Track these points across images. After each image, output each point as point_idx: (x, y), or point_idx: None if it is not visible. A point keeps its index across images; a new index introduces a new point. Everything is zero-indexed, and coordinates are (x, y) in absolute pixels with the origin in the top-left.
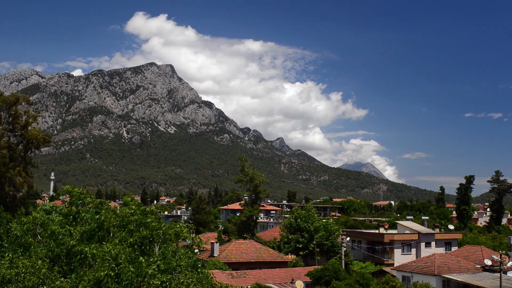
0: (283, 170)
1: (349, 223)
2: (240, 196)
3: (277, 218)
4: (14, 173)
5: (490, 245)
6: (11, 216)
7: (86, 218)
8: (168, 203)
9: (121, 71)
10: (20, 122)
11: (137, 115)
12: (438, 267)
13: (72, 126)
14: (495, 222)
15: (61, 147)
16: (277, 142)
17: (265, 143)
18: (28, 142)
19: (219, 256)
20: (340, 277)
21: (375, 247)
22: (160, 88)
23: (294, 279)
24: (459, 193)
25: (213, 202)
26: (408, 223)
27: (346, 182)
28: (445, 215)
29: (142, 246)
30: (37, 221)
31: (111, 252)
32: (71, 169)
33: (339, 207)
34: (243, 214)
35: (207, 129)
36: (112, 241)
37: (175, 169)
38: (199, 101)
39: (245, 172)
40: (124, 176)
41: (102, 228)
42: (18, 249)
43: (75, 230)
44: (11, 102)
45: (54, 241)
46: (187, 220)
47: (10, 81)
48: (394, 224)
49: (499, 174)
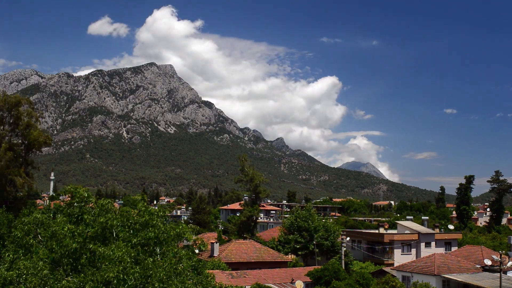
0: (283, 170)
1: (349, 223)
2: (240, 196)
3: (277, 218)
4: (15, 173)
5: (490, 245)
6: (12, 217)
7: (90, 221)
8: (168, 203)
9: (121, 71)
10: (22, 123)
11: (137, 115)
12: (438, 267)
13: (72, 126)
14: (495, 222)
15: (61, 147)
16: (277, 142)
17: (265, 143)
18: (30, 143)
19: (219, 256)
20: (340, 277)
21: (375, 247)
22: (160, 88)
23: (294, 279)
24: (459, 193)
25: (213, 202)
26: (408, 223)
27: (346, 182)
28: (445, 215)
29: (145, 247)
30: (38, 222)
31: (117, 253)
32: (71, 169)
33: (339, 207)
34: (243, 214)
35: (207, 129)
36: (116, 241)
37: (175, 169)
38: (199, 101)
39: (245, 172)
40: (124, 176)
41: (105, 229)
42: (20, 250)
43: (78, 231)
44: (13, 103)
45: (55, 242)
46: (187, 220)
47: (10, 81)
48: (394, 224)
49: (499, 174)
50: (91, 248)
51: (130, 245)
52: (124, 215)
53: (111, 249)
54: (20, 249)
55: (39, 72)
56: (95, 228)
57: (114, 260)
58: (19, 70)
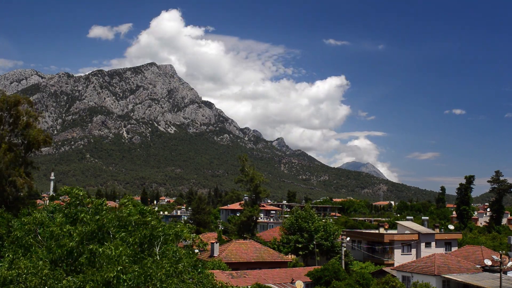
0: (283, 170)
1: (349, 223)
2: (240, 196)
3: (277, 218)
4: (15, 174)
5: (490, 245)
6: (12, 217)
7: (86, 220)
8: (168, 203)
9: (121, 71)
10: (21, 123)
11: (137, 115)
12: (438, 267)
13: (72, 126)
14: (495, 222)
15: (61, 147)
16: (276, 142)
17: (265, 143)
18: (29, 143)
19: (219, 256)
20: (340, 277)
21: (375, 247)
22: (160, 88)
23: (294, 279)
24: (459, 193)
25: (213, 202)
26: (408, 223)
27: (346, 182)
28: (445, 215)
29: (142, 245)
30: (37, 221)
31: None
32: (71, 169)
33: (339, 207)
34: (243, 214)
35: (207, 129)
36: (113, 241)
37: (175, 169)
38: (199, 101)
39: (245, 172)
40: (124, 176)
41: (102, 229)
42: (19, 250)
43: (74, 231)
44: (13, 102)
45: (54, 242)
46: (187, 220)
47: (10, 81)
48: (394, 224)
49: (499, 174)
50: (90, 248)
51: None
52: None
53: (109, 248)
54: (20, 249)
55: (39, 72)
56: (91, 227)
57: (113, 259)
58: (19, 70)
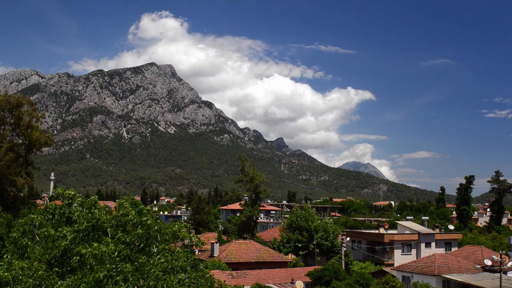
0: (283, 170)
1: (349, 223)
2: (240, 196)
3: (277, 218)
4: (15, 174)
5: (490, 245)
6: (12, 217)
7: (80, 220)
8: (168, 203)
9: (121, 71)
10: (23, 124)
11: (137, 115)
12: (438, 267)
13: (72, 126)
14: (495, 222)
15: (61, 147)
16: (277, 142)
17: (265, 143)
18: (30, 143)
19: (219, 256)
20: (340, 277)
21: (375, 247)
22: (160, 88)
23: (294, 279)
24: (459, 193)
25: (213, 202)
26: (408, 223)
27: (346, 182)
28: (445, 215)
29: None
30: (34, 222)
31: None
32: (71, 169)
33: (339, 207)
34: (243, 214)
35: (207, 129)
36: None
37: (175, 169)
38: (199, 101)
39: (245, 172)
40: (124, 176)
41: (96, 228)
42: (17, 251)
43: (67, 231)
44: (15, 103)
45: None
46: (187, 220)
47: (10, 81)
48: (394, 224)
49: (499, 174)
50: (78, 249)
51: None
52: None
53: (97, 248)
54: (18, 250)
55: (39, 72)
56: (83, 226)
57: (104, 259)
58: (19, 70)
